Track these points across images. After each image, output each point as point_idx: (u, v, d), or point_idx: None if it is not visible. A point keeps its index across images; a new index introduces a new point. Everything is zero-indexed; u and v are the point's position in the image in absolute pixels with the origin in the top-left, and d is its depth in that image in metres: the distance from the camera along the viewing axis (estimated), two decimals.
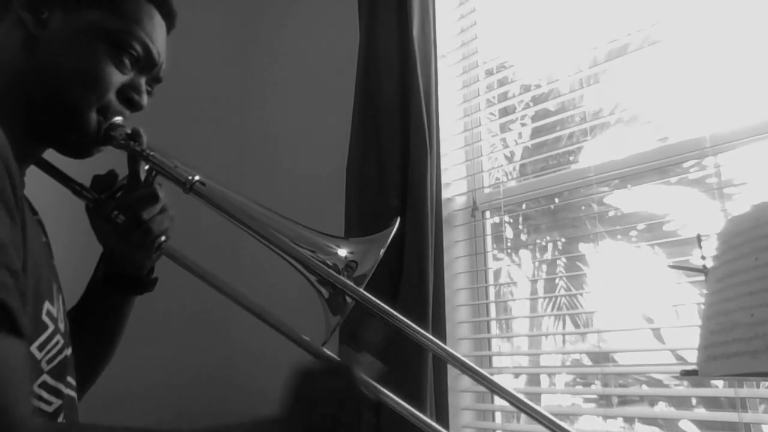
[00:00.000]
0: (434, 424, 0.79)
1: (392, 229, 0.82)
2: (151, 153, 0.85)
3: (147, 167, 0.87)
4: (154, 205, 0.86)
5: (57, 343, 0.74)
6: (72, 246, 1.11)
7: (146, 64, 0.84)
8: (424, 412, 1.34)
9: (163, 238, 0.88)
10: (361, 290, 0.76)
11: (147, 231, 0.86)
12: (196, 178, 0.84)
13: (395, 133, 1.55)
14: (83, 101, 0.78)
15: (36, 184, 0.85)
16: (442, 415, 1.43)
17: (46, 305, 0.72)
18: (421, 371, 1.36)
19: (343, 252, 0.80)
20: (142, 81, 0.85)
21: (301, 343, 0.81)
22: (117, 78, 0.80)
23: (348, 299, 0.77)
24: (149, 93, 0.88)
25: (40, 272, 0.71)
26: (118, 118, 0.82)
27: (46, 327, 0.71)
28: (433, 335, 1.39)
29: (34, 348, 0.69)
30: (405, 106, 1.55)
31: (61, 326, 0.77)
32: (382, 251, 0.79)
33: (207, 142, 2.12)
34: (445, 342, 1.47)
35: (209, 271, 0.85)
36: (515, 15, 1.67)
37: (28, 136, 0.79)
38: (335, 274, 0.77)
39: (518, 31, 1.69)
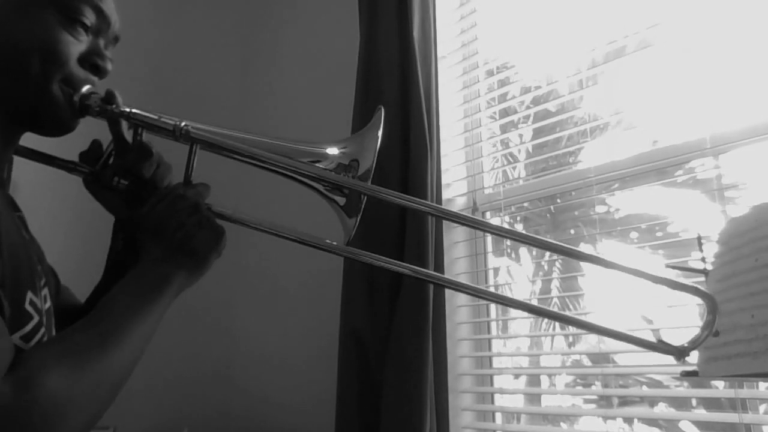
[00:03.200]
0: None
1: (380, 116, 0.84)
2: (132, 110, 0.83)
3: (130, 127, 0.85)
4: (149, 159, 0.85)
5: (44, 336, 0.73)
6: (64, 243, 1.12)
7: (100, 26, 0.81)
8: (424, 413, 1.34)
9: None
10: (369, 185, 0.80)
11: (153, 186, 0.85)
12: (184, 123, 0.83)
13: (395, 134, 1.55)
14: (45, 75, 0.76)
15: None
16: (442, 415, 1.43)
17: (29, 295, 0.71)
18: (421, 372, 1.36)
19: (333, 151, 0.84)
20: (102, 44, 0.82)
21: (327, 247, 0.85)
22: (74, 47, 0.78)
23: (361, 197, 0.81)
24: (109, 58, 0.83)
25: (19, 262, 0.70)
26: (87, 87, 0.80)
27: (30, 317, 0.70)
28: (433, 335, 1.41)
29: (17, 338, 0.67)
30: (405, 107, 1.55)
31: (44, 320, 0.76)
32: (378, 142, 0.82)
33: None
34: (445, 343, 1.48)
35: (224, 204, 0.85)
36: (516, 16, 1.67)
37: (1, 123, 0.77)
38: (343, 176, 0.80)
39: (519, 31, 1.69)
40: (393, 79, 1.58)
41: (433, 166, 1.51)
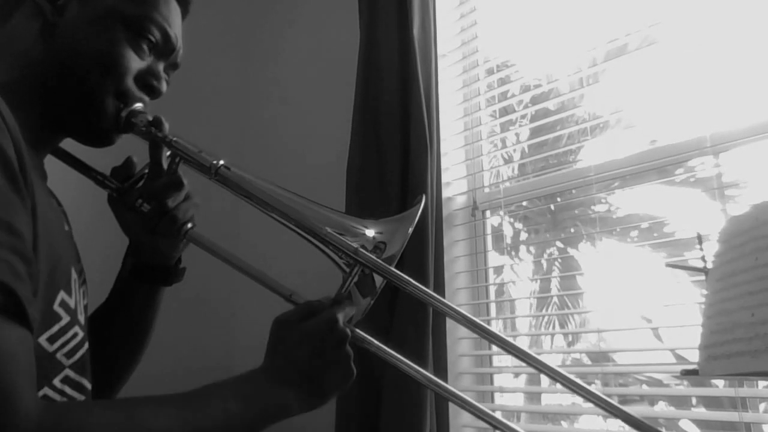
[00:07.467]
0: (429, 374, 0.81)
1: (419, 208, 0.81)
2: (174, 139, 0.84)
3: (169, 154, 0.85)
4: (179, 191, 0.84)
5: (75, 335, 0.71)
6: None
7: (164, 49, 0.83)
8: (423, 412, 1.34)
9: (189, 225, 0.86)
10: (392, 269, 0.75)
11: (173, 219, 0.83)
12: (221, 162, 0.82)
13: (395, 133, 1.55)
14: (102, 86, 0.77)
15: (56, 179, 0.84)
16: (442, 414, 1.43)
17: (61, 295, 0.69)
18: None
19: (371, 233, 0.79)
20: (161, 67, 0.84)
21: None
22: (135, 63, 0.79)
23: (377, 280, 0.77)
24: (166, 81, 0.86)
25: (57, 260, 0.68)
26: (139, 105, 0.81)
27: (58, 318, 0.68)
28: (433, 333, 1.41)
29: (43, 339, 0.65)
30: (405, 106, 1.55)
31: (81, 318, 0.74)
32: (410, 230, 0.78)
33: (207, 141, 2.12)
34: (444, 342, 1.48)
35: (236, 256, 0.83)
36: (516, 14, 1.67)
37: (44, 125, 0.77)
38: (367, 254, 0.75)
39: (519, 30, 1.69)
40: (393, 78, 1.58)
41: (432, 164, 1.51)
